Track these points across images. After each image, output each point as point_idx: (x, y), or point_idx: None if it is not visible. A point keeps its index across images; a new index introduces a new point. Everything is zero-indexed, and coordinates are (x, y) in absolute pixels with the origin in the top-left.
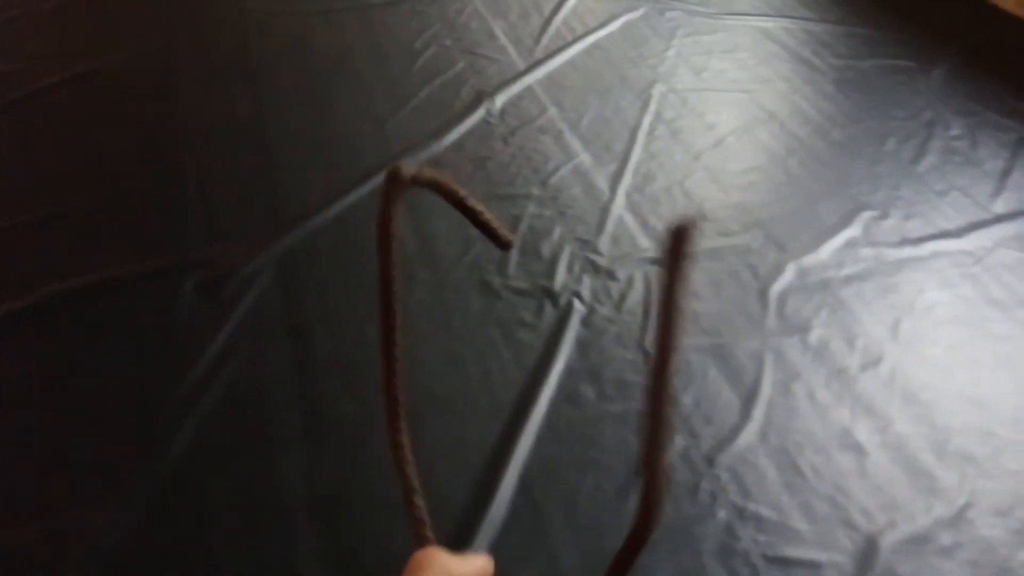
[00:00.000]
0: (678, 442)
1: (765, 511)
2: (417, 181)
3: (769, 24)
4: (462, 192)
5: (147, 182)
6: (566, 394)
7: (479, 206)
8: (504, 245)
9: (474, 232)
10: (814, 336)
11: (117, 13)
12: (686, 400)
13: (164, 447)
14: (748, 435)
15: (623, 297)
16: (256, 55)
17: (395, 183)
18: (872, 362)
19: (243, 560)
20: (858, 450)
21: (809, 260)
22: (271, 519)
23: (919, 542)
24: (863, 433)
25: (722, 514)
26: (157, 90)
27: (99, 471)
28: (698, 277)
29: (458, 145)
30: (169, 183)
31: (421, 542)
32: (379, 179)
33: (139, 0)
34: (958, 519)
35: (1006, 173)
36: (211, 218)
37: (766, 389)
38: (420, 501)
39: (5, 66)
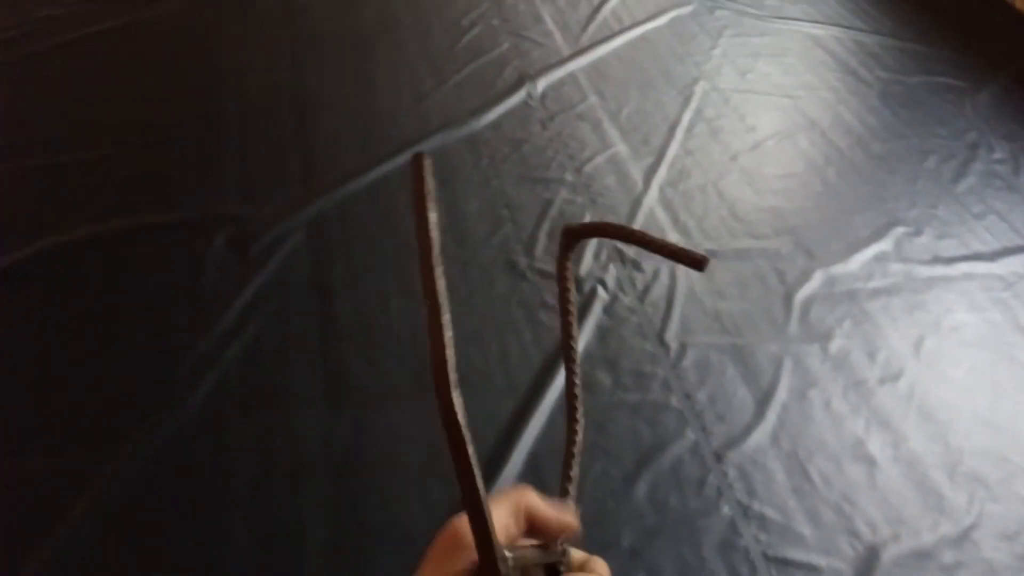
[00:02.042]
0: (688, 436)
1: (770, 512)
2: (588, 233)
3: (819, 31)
4: (639, 231)
5: (186, 134)
6: (582, 379)
7: (660, 239)
8: (699, 264)
9: (504, 212)
10: (835, 345)
11: None
12: (701, 396)
13: (183, 396)
14: (760, 436)
15: (647, 289)
16: (302, 19)
17: (568, 239)
18: (892, 376)
19: (252, 513)
20: (869, 462)
21: (837, 269)
22: (283, 475)
23: (921, 557)
24: (876, 446)
25: (726, 510)
26: (202, 44)
27: (118, 414)
28: (724, 277)
29: (496, 125)
30: (207, 138)
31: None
32: (414, 151)
33: None
34: (963, 539)
35: None
36: (246, 176)
37: (782, 393)
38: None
39: (56, 9)
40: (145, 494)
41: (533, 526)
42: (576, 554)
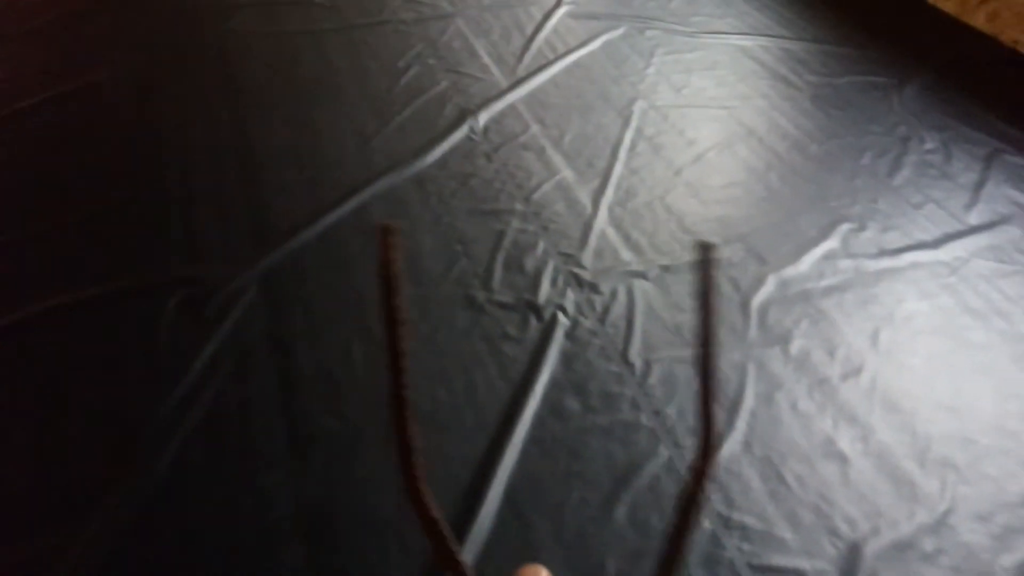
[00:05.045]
0: (662, 453)
1: (750, 520)
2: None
3: (747, 43)
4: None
5: (129, 201)
6: (551, 407)
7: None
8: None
9: (458, 247)
10: (795, 347)
11: (100, 32)
12: (670, 411)
13: (147, 466)
14: (732, 445)
15: (606, 310)
16: (240, 75)
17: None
18: (853, 371)
19: None
20: (841, 459)
21: (789, 272)
22: (255, 537)
23: (902, 548)
24: (845, 442)
25: (707, 524)
26: (140, 109)
27: (81, 491)
28: (680, 290)
29: (442, 162)
30: (151, 202)
31: None
32: (361, 198)
33: (122, 21)
34: (940, 525)
35: (979, 185)
36: (194, 236)
37: (749, 400)
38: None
39: None
40: (114, 572)
41: None
42: None
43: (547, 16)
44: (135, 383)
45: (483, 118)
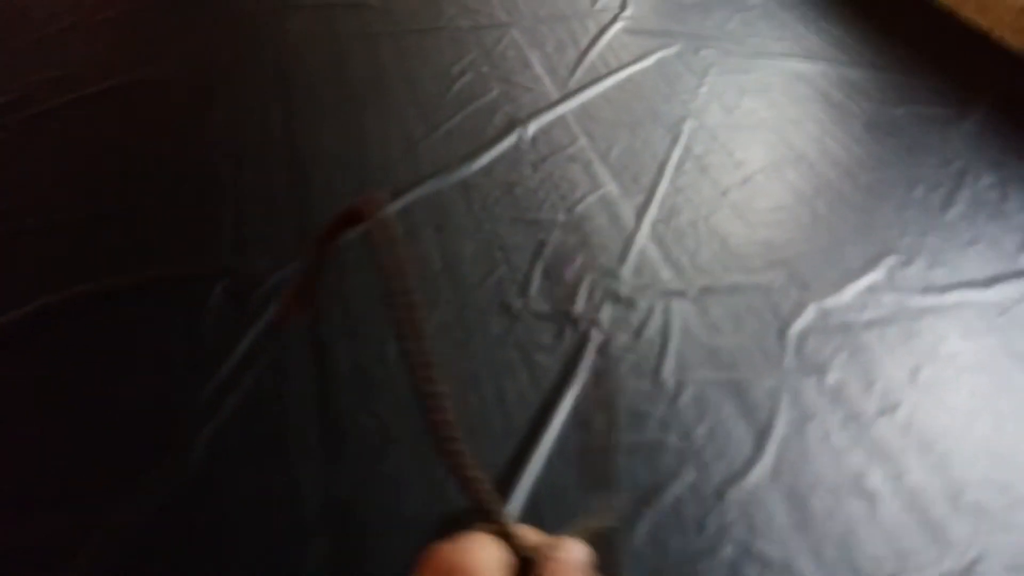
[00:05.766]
0: (687, 474)
1: (772, 550)
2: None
3: (803, 66)
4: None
5: (182, 191)
6: (580, 420)
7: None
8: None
9: (498, 254)
10: (832, 378)
11: (162, 28)
12: (699, 432)
13: (183, 450)
14: (759, 472)
15: (642, 327)
16: (293, 74)
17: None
18: (889, 408)
19: (255, 565)
20: (870, 496)
21: (831, 302)
22: (285, 526)
23: None
24: (876, 479)
25: (728, 550)
26: (196, 103)
27: (117, 470)
28: (718, 312)
29: (488, 170)
30: (203, 193)
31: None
32: (406, 200)
33: (184, 17)
34: (968, 573)
35: None
36: (242, 228)
37: (780, 428)
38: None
39: (56, 72)
40: (145, 552)
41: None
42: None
43: (602, 31)
44: (177, 367)
45: (532, 128)
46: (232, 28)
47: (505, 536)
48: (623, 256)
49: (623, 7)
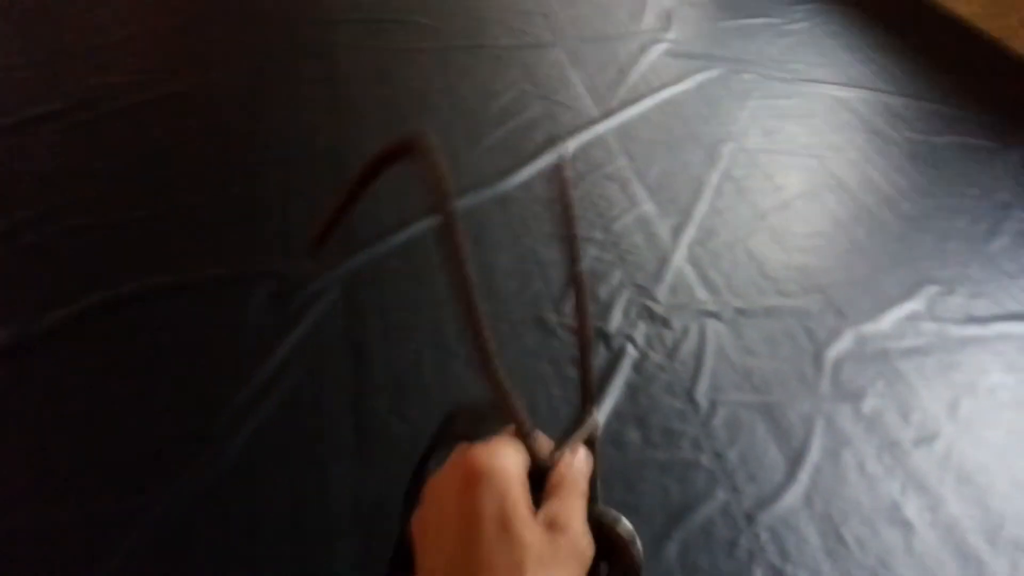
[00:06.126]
0: (719, 495)
1: None
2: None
3: (845, 93)
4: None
5: (230, 194)
6: (611, 436)
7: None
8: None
9: (534, 269)
10: (868, 405)
11: (216, 38)
12: (731, 455)
13: (221, 446)
14: (792, 497)
15: (676, 346)
16: (340, 85)
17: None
18: (927, 438)
19: (284, 562)
20: (906, 526)
21: (869, 328)
22: (316, 525)
23: None
24: (912, 509)
25: (759, 574)
26: (247, 110)
27: (156, 462)
28: (753, 334)
29: (527, 185)
30: (251, 197)
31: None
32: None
33: (237, 28)
34: None
35: None
36: (287, 233)
37: (814, 453)
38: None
39: (117, 78)
40: (182, 539)
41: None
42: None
43: (644, 52)
44: (219, 365)
45: (571, 146)
46: (283, 40)
47: (525, 441)
48: (659, 275)
49: (666, 29)
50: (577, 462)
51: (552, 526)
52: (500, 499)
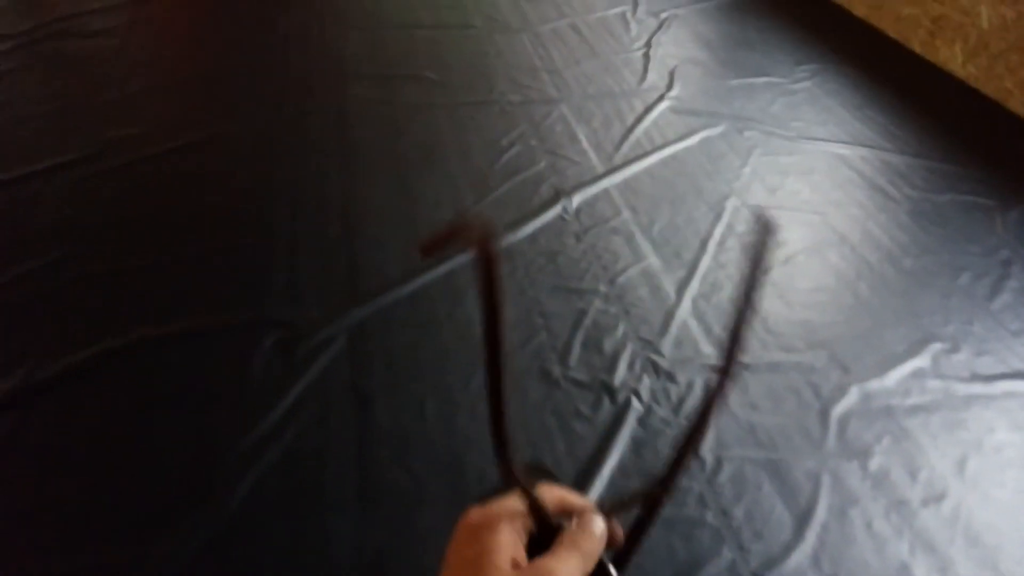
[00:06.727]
0: (725, 554)
1: None
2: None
3: (846, 151)
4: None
5: (239, 242)
6: (616, 491)
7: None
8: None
9: (539, 321)
10: (875, 463)
11: (231, 89)
12: (737, 512)
13: (224, 495)
14: (799, 556)
15: (682, 401)
16: (351, 138)
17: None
18: (935, 497)
19: None
20: None
21: (874, 385)
22: (317, 574)
23: None
24: (921, 570)
25: None
26: (258, 161)
27: (159, 511)
28: (758, 390)
29: (532, 238)
30: (259, 246)
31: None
32: (453, 263)
33: (252, 79)
34: None
35: None
36: (294, 282)
37: (821, 512)
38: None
39: (132, 129)
40: None
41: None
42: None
43: (648, 109)
44: (224, 413)
45: (576, 200)
46: (296, 93)
47: (531, 502)
48: (664, 329)
49: (669, 87)
50: (587, 524)
51: (527, 572)
52: (480, 546)
